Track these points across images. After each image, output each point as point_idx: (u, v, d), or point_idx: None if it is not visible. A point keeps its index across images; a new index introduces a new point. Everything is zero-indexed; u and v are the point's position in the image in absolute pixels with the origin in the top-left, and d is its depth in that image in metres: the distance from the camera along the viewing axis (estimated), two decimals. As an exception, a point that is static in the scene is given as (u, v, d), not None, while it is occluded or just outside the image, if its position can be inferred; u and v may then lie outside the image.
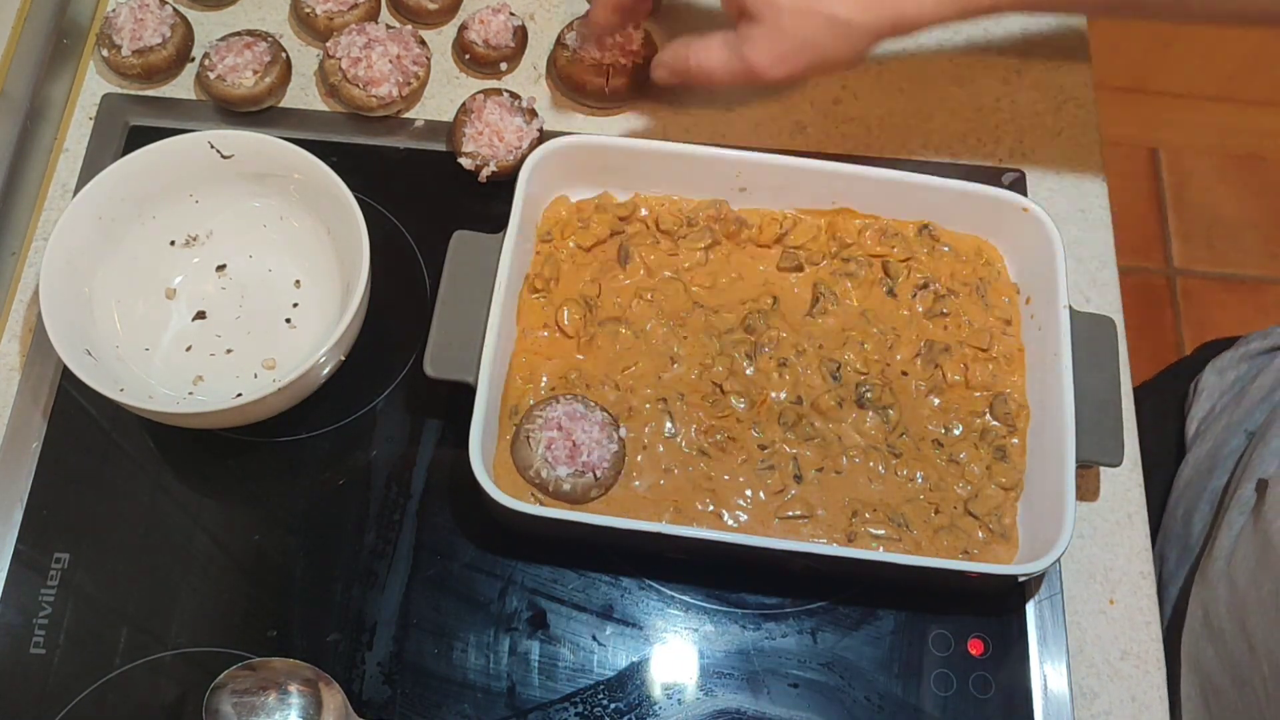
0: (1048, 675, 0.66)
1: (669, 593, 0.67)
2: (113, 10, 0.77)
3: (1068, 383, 0.66)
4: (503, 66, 0.80)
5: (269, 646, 0.64)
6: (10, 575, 0.65)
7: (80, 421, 0.69)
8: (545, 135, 0.76)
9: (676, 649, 0.66)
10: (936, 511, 0.66)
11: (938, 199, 0.72)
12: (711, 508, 0.65)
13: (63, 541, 0.66)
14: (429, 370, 0.65)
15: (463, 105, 0.76)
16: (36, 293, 0.65)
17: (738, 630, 0.66)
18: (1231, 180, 1.80)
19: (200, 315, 0.71)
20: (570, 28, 0.79)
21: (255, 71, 0.76)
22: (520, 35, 0.80)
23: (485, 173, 0.75)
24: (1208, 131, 1.76)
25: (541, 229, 0.72)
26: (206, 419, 0.64)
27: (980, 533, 0.66)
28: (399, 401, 0.71)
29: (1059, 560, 0.63)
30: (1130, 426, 0.73)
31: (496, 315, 0.65)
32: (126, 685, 0.63)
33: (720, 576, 0.67)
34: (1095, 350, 0.68)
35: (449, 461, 0.69)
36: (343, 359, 0.67)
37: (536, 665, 0.65)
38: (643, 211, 0.73)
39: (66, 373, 0.68)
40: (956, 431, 0.69)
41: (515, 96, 0.77)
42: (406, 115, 0.79)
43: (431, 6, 0.81)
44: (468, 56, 0.80)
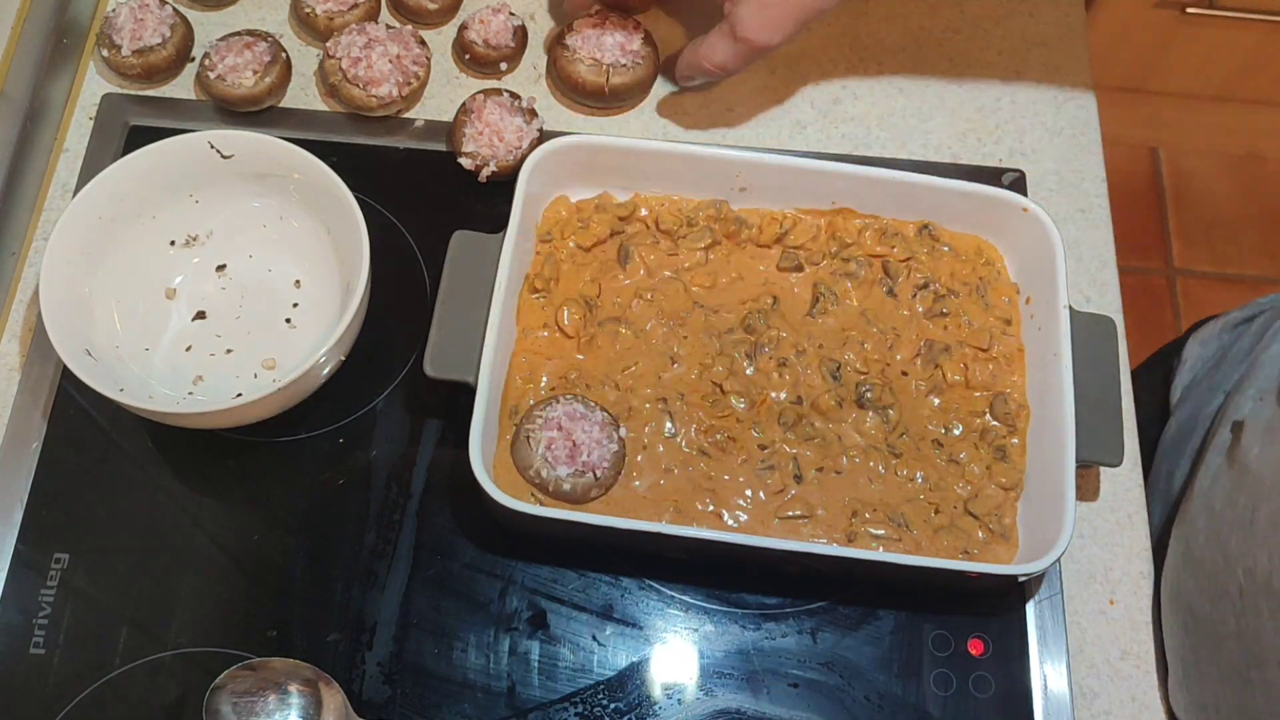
0: (1048, 675, 0.66)
1: (669, 593, 0.67)
2: (113, 10, 0.77)
3: (1068, 383, 0.66)
4: (503, 66, 0.80)
5: (269, 646, 0.64)
6: (10, 575, 0.65)
7: (80, 421, 0.69)
8: (545, 135, 0.76)
9: (676, 649, 0.66)
10: (936, 511, 0.66)
11: (938, 199, 0.72)
12: (711, 508, 0.65)
13: (63, 541, 0.66)
14: (429, 370, 0.65)
15: (463, 105, 0.76)
16: (36, 293, 0.65)
17: (738, 630, 0.66)
18: (1231, 180, 1.80)
19: (200, 315, 0.71)
20: (570, 28, 0.79)
21: (255, 71, 0.76)
22: (520, 35, 0.80)
23: (485, 173, 0.75)
24: (1208, 131, 1.76)
25: (541, 229, 0.72)
26: (206, 419, 0.64)
27: (980, 533, 0.66)
28: (399, 401, 0.71)
29: (1059, 560, 0.63)
30: (1130, 427, 0.73)
31: (496, 315, 0.65)
32: (126, 685, 0.63)
33: (720, 576, 0.67)
34: (1095, 350, 0.68)
35: (449, 461, 0.69)
36: (343, 359, 0.67)
37: (536, 665, 0.65)
38: (643, 211, 0.73)
39: (66, 373, 0.68)
40: (956, 431, 0.69)
41: (515, 96, 0.77)
42: (406, 115, 0.79)
43: (431, 6, 0.81)
44: (468, 56, 0.80)
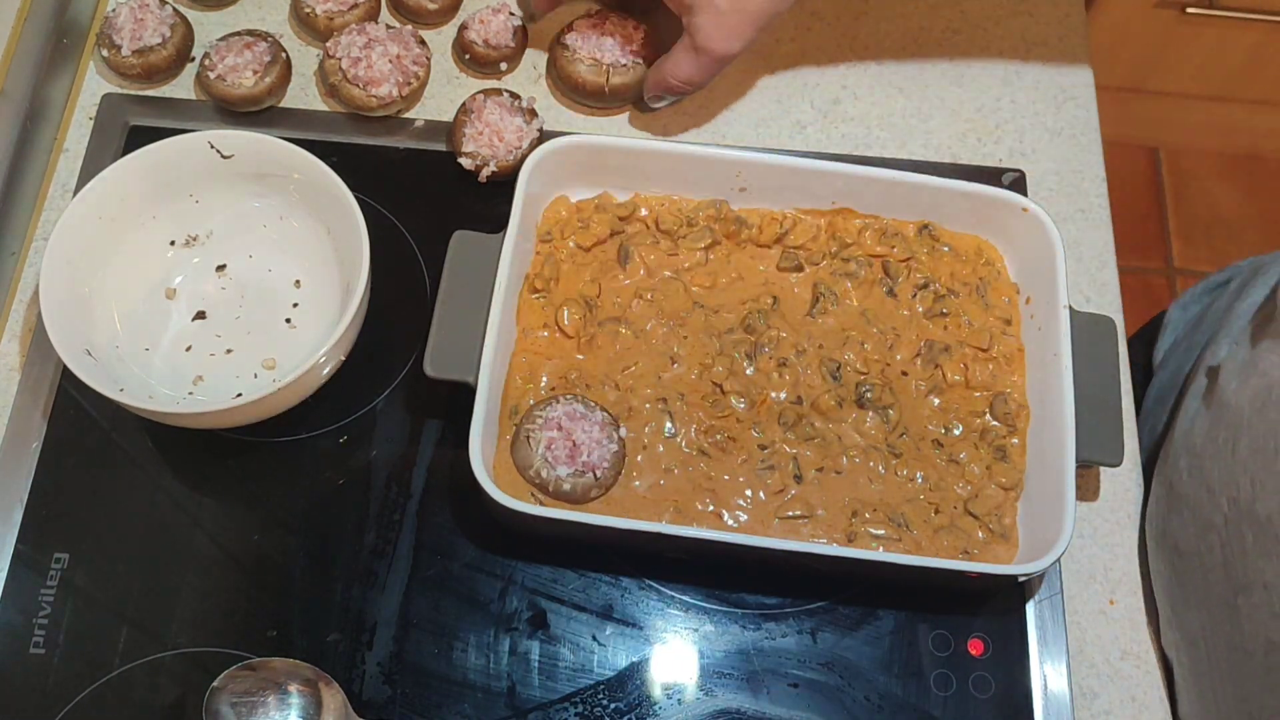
0: (1048, 675, 0.66)
1: (669, 593, 0.67)
2: (113, 10, 0.77)
3: (1068, 383, 0.66)
4: (503, 66, 0.80)
5: (269, 646, 0.64)
6: (10, 575, 0.65)
7: (80, 421, 0.69)
8: (545, 135, 0.76)
9: (676, 649, 0.66)
10: (936, 511, 0.66)
11: (938, 199, 0.72)
12: (711, 508, 0.65)
13: (63, 541, 0.66)
14: (429, 370, 0.65)
15: (463, 105, 0.76)
16: (36, 293, 0.65)
17: (738, 630, 0.66)
18: (1231, 180, 1.80)
19: (200, 315, 0.71)
20: (570, 28, 0.79)
21: (255, 71, 0.76)
22: (520, 35, 0.80)
23: (485, 173, 0.75)
24: (1208, 131, 1.76)
25: (541, 229, 0.72)
26: (206, 419, 0.64)
27: (980, 533, 0.66)
28: (399, 401, 0.71)
29: (1059, 560, 0.63)
30: (1130, 427, 0.73)
31: (496, 315, 0.65)
32: (126, 685, 0.63)
33: (720, 576, 0.67)
34: (1095, 350, 0.68)
35: (449, 461, 0.69)
36: (343, 359, 0.67)
37: (536, 665, 0.65)
38: (643, 211, 0.73)
39: (66, 373, 0.68)
40: (956, 431, 0.69)
41: (515, 96, 0.77)
42: (406, 115, 0.79)
43: (431, 6, 0.81)
44: (468, 56, 0.80)
